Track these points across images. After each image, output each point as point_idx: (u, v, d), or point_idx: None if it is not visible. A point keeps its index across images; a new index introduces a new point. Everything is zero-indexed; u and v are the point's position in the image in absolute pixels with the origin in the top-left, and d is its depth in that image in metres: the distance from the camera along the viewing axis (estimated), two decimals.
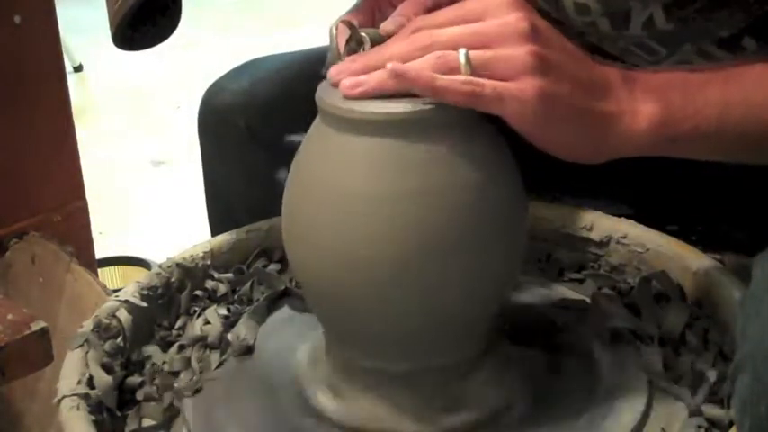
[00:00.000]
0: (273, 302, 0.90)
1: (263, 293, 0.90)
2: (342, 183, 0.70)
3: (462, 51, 0.67)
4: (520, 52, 0.68)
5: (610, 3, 0.84)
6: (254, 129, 1.04)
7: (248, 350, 0.84)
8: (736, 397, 0.63)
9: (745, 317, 0.65)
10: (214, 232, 1.12)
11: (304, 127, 0.82)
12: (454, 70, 0.67)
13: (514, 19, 0.68)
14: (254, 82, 1.08)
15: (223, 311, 0.89)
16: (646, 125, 0.71)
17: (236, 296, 0.91)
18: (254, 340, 0.85)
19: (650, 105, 0.71)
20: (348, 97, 0.70)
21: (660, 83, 0.73)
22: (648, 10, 0.83)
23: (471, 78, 0.67)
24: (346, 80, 0.70)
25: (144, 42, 0.91)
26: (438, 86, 0.67)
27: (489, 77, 0.68)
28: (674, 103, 0.72)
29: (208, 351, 0.84)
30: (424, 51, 0.69)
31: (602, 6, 0.85)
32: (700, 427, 0.72)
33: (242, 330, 0.86)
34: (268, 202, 0.94)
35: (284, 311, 0.89)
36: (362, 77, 0.70)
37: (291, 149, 0.95)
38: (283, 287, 0.90)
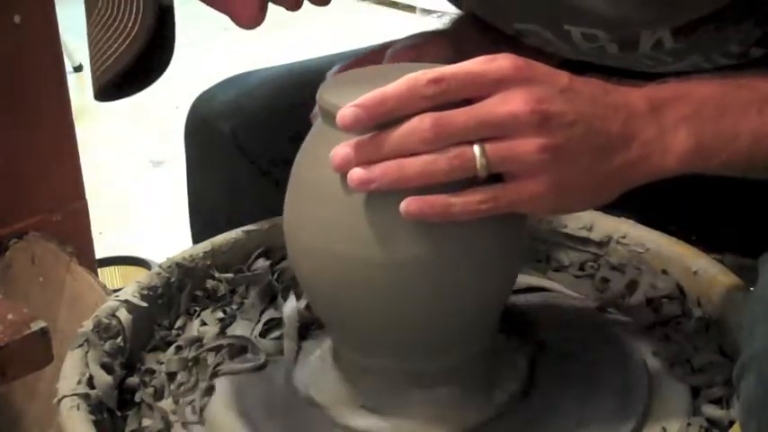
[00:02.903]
0: (269, 302, 0.90)
1: (257, 294, 0.90)
2: (343, 183, 0.69)
3: (478, 150, 0.66)
4: (532, 147, 0.66)
5: (618, 32, 0.83)
6: (240, 139, 1.04)
7: (243, 350, 0.84)
8: (742, 398, 0.63)
9: (753, 318, 0.64)
10: (195, 240, 1.10)
11: (289, 139, 0.82)
12: (470, 168, 0.66)
13: (526, 107, 0.66)
14: (242, 93, 1.08)
15: (220, 313, 0.89)
16: (674, 162, 0.70)
17: (233, 297, 0.90)
18: (248, 340, 0.85)
19: (681, 140, 0.69)
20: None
21: (693, 110, 0.70)
22: (657, 35, 0.82)
23: (486, 196, 0.67)
24: (355, 173, 0.67)
25: (131, 89, 0.91)
26: (457, 212, 0.67)
27: (503, 172, 0.67)
28: (705, 135, 0.70)
29: (205, 353, 0.84)
30: (434, 143, 0.66)
31: (611, 35, 0.83)
32: (700, 427, 0.72)
33: (236, 331, 0.86)
34: (249, 213, 0.94)
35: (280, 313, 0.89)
36: (373, 173, 0.67)
37: (275, 161, 0.95)
38: (272, 285, 0.90)
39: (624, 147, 0.69)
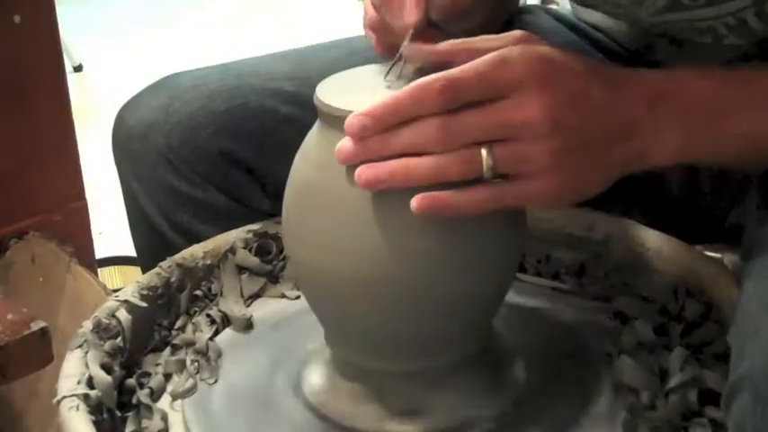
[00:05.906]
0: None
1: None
2: (341, 183, 0.69)
3: (486, 153, 0.67)
4: (541, 150, 0.67)
5: None
6: (174, 146, 0.98)
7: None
8: (734, 421, 0.62)
9: (742, 335, 0.64)
10: (139, 252, 1.07)
11: (225, 142, 0.81)
12: (477, 171, 0.67)
13: (538, 114, 0.66)
14: (171, 97, 1.00)
15: (214, 312, 0.89)
16: (665, 159, 0.72)
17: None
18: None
19: (672, 135, 0.71)
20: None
21: (688, 103, 0.71)
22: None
23: (492, 195, 0.68)
24: (363, 173, 0.67)
25: None
26: (463, 210, 0.67)
27: (509, 173, 0.68)
28: (697, 129, 0.71)
29: (200, 354, 0.84)
30: (443, 145, 0.67)
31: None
32: (701, 427, 0.72)
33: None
34: (191, 218, 0.95)
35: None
36: (381, 174, 0.67)
37: (212, 164, 0.94)
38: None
39: (625, 145, 0.70)
